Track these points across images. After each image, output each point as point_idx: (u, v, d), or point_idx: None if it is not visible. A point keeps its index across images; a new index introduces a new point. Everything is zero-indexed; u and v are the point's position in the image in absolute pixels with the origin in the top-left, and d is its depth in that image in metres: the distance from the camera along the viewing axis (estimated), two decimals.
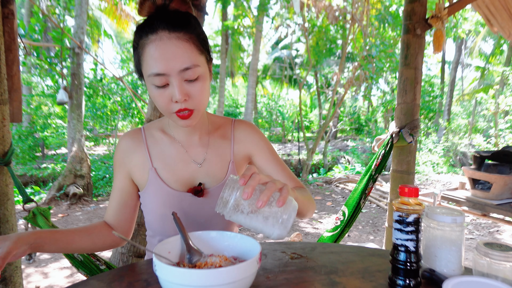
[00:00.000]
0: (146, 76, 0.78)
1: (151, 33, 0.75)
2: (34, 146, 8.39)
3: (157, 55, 0.74)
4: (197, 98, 0.79)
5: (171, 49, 0.74)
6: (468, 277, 0.53)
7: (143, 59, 0.77)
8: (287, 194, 0.66)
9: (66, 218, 4.47)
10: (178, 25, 0.75)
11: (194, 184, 0.93)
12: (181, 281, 0.57)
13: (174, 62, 0.74)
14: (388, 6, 7.88)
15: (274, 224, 0.66)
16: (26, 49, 5.29)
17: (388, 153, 2.22)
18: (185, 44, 0.75)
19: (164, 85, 0.77)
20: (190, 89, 0.78)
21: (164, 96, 0.77)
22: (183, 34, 0.75)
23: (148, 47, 0.75)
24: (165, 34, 0.74)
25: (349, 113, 15.88)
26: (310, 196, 0.94)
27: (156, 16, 0.77)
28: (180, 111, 0.78)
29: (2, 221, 1.39)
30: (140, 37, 0.77)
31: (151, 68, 0.75)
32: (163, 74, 0.75)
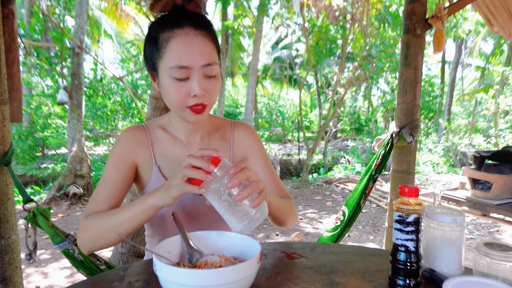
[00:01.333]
0: (166, 68, 0.79)
1: (177, 28, 0.78)
2: (34, 146, 8.39)
3: (183, 49, 0.77)
4: (212, 94, 0.82)
5: (196, 45, 0.78)
6: (468, 277, 0.53)
7: (165, 51, 0.78)
8: (263, 198, 0.70)
9: (66, 218, 4.47)
10: (202, 24, 0.80)
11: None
12: (181, 281, 0.57)
13: (198, 57, 0.78)
14: (388, 6, 7.88)
15: (241, 220, 0.69)
16: (26, 49, 5.29)
17: (388, 153, 2.22)
18: (208, 42, 0.80)
19: (183, 79, 0.79)
20: (208, 85, 0.81)
21: (182, 89, 0.79)
22: (206, 33, 0.80)
23: (174, 40, 0.77)
24: (191, 30, 0.78)
25: (349, 113, 15.88)
26: (293, 208, 0.98)
27: (180, 13, 0.80)
28: (196, 105, 0.80)
29: (2, 221, 1.39)
30: (163, 29, 0.79)
31: (174, 61, 0.77)
32: (186, 67, 0.77)
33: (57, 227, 1.47)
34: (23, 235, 1.50)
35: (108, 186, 0.88)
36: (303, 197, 5.88)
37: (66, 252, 1.43)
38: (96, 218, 0.81)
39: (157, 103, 2.25)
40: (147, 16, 2.89)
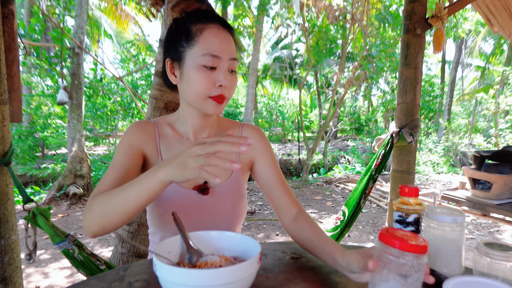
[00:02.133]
0: (196, 56, 0.83)
1: (211, 22, 0.85)
2: (34, 146, 8.39)
3: (216, 39, 0.83)
4: (232, 88, 0.88)
5: (226, 39, 0.85)
6: (469, 277, 0.53)
7: (197, 40, 0.83)
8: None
9: (66, 218, 4.47)
10: (227, 26, 0.88)
11: (198, 182, 0.93)
12: (181, 281, 0.56)
13: (228, 50, 0.84)
14: (388, 6, 7.88)
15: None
16: (26, 49, 5.29)
17: (388, 153, 2.22)
18: (233, 42, 0.87)
19: (212, 68, 0.83)
20: (230, 79, 0.86)
21: (209, 78, 0.83)
22: (231, 34, 0.88)
23: (208, 31, 0.84)
24: (221, 27, 0.86)
25: (349, 113, 15.88)
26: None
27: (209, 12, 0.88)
28: (219, 96, 0.84)
29: (2, 221, 1.39)
30: (196, 22, 0.85)
31: (207, 49, 0.82)
32: (217, 57, 0.82)
33: (57, 227, 1.47)
34: (23, 235, 1.50)
35: (116, 169, 0.86)
36: (303, 197, 5.88)
37: (66, 252, 1.43)
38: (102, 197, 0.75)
39: (157, 103, 2.25)
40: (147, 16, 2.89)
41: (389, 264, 0.56)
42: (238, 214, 0.96)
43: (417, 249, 0.54)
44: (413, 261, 0.54)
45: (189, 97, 0.86)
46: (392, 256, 0.55)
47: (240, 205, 0.97)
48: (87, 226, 0.75)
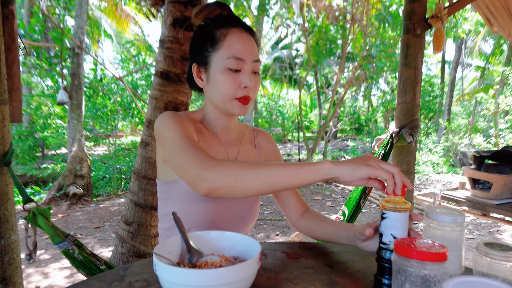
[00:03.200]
0: (221, 59, 0.86)
1: (233, 26, 0.88)
2: (34, 146, 8.38)
3: (240, 43, 0.87)
4: (256, 89, 0.91)
5: (249, 42, 0.88)
6: (468, 277, 0.53)
7: (222, 44, 0.87)
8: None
9: (66, 218, 4.47)
10: (249, 29, 0.91)
11: None
12: (181, 281, 0.57)
13: (251, 52, 0.88)
14: (388, 6, 7.88)
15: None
16: (26, 49, 5.29)
17: (388, 153, 2.22)
18: (255, 44, 0.91)
19: (237, 70, 0.86)
20: (254, 80, 0.89)
21: (235, 80, 0.86)
22: (253, 36, 0.91)
23: (231, 35, 0.87)
24: (243, 30, 0.89)
25: (349, 113, 15.88)
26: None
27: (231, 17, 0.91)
28: (244, 97, 0.88)
29: (2, 221, 1.39)
30: (220, 27, 0.88)
31: (231, 52, 0.86)
32: (241, 59, 0.86)
33: (57, 227, 1.47)
34: (23, 235, 1.50)
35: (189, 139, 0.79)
36: (303, 197, 5.87)
37: (66, 252, 1.43)
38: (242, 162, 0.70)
39: (157, 103, 2.25)
40: (147, 16, 2.88)
41: (410, 277, 0.53)
42: (253, 215, 1.00)
43: (437, 257, 0.52)
44: (435, 271, 0.52)
45: (216, 99, 0.90)
46: (412, 268, 0.53)
47: (256, 207, 1.01)
48: (208, 183, 0.68)
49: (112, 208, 5.02)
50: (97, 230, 4.05)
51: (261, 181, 0.67)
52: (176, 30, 2.20)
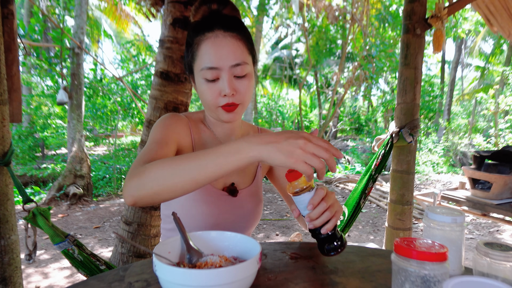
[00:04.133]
0: (198, 70, 0.84)
1: (208, 31, 0.82)
2: (34, 146, 8.38)
3: (212, 50, 0.81)
4: (243, 94, 0.85)
5: (225, 46, 0.81)
6: (468, 277, 0.53)
7: (197, 54, 0.83)
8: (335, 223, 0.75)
9: (66, 219, 4.47)
10: (232, 26, 0.83)
11: (227, 183, 0.95)
12: (181, 281, 0.57)
13: (227, 57, 0.81)
14: (388, 6, 7.88)
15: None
16: (26, 49, 5.29)
17: (388, 153, 2.22)
18: (238, 42, 0.83)
19: (214, 79, 0.82)
20: (238, 85, 0.84)
21: (213, 90, 0.83)
22: (236, 34, 0.83)
23: (204, 43, 0.82)
24: (221, 32, 0.82)
25: (349, 113, 15.88)
26: None
27: (213, 18, 0.85)
28: (227, 104, 0.83)
29: (2, 221, 1.39)
30: (196, 34, 0.84)
31: (204, 62, 0.82)
32: (215, 68, 0.81)
33: (57, 227, 1.47)
34: (23, 235, 1.50)
35: (158, 145, 0.79)
36: None
37: (66, 252, 1.43)
38: (165, 162, 0.66)
39: (157, 103, 2.25)
40: (147, 16, 2.89)
41: (409, 277, 0.54)
42: (256, 217, 0.99)
43: (437, 257, 0.52)
44: (435, 271, 0.53)
45: (205, 106, 0.89)
46: (412, 268, 0.53)
47: (259, 207, 1.00)
48: (132, 192, 0.65)
49: (112, 208, 5.02)
50: (97, 230, 4.05)
51: (183, 181, 0.64)
52: (176, 30, 2.20)
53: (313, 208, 0.69)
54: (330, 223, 0.71)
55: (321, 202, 0.70)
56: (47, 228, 1.43)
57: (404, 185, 2.32)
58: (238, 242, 0.74)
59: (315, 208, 0.70)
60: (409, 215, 2.34)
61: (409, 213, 2.34)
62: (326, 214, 0.70)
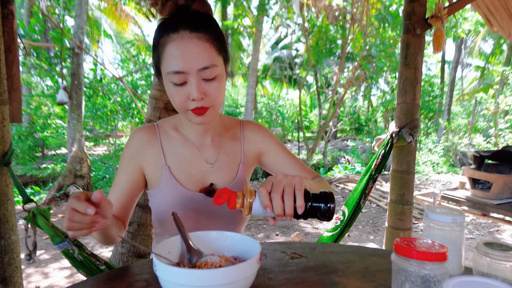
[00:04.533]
0: (165, 73, 0.80)
1: (173, 32, 0.77)
2: (34, 146, 8.39)
3: (177, 53, 0.76)
4: (213, 97, 0.81)
5: (192, 48, 0.76)
6: (468, 277, 0.53)
7: (163, 56, 0.79)
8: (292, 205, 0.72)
9: None
10: (199, 26, 0.78)
11: (205, 184, 0.93)
12: (181, 281, 0.57)
13: (194, 61, 0.77)
14: (388, 6, 7.88)
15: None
16: (26, 49, 5.29)
17: (388, 153, 2.22)
18: (205, 44, 0.78)
19: (182, 83, 0.79)
20: (207, 88, 0.80)
21: (181, 93, 0.80)
22: (203, 35, 0.78)
23: (169, 45, 0.77)
24: (187, 33, 0.77)
25: (349, 113, 15.88)
26: (326, 183, 0.97)
27: (178, 16, 0.79)
28: (196, 108, 0.80)
29: (2, 221, 1.39)
30: (161, 35, 0.79)
31: (170, 66, 0.77)
32: (182, 72, 0.77)
33: (57, 227, 1.47)
34: (23, 235, 1.50)
35: (117, 189, 0.92)
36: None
37: (66, 252, 1.43)
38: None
39: (156, 103, 2.25)
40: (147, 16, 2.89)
41: (409, 277, 0.54)
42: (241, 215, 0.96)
43: (437, 257, 0.52)
44: (435, 271, 0.53)
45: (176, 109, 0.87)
46: (412, 268, 0.53)
47: None
48: (97, 240, 0.89)
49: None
50: None
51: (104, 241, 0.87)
52: None
53: (272, 209, 0.66)
54: (298, 200, 0.66)
55: (272, 197, 0.66)
56: (47, 228, 1.43)
57: (404, 185, 2.32)
58: (238, 242, 0.74)
59: (273, 207, 0.66)
60: (409, 215, 2.35)
61: (409, 213, 2.34)
62: (287, 200, 0.66)
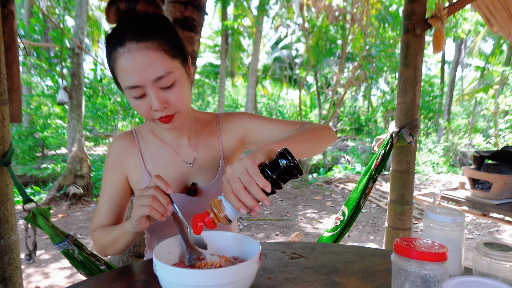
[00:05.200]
0: (123, 87, 0.78)
1: (119, 46, 0.73)
2: (34, 146, 8.39)
3: (128, 68, 0.73)
4: (176, 103, 0.78)
5: (141, 61, 0.72)
6: (468, 277, 0.53)
7: (116, 71, 0.76)
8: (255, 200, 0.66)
9: (66, 218, 4.47)
10: (145, 34, 0.73)
11: (187, 184, 0.93)
12: (181, 281, 0.57)
13: (146, 73, 0.73)
14: (388, 6, 7.88)
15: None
16: (26, 49, 5.29)
17: (388, 153, 2.22)
18: (155, 53, 0.73)
19: (141, 96, 0.77)
20: (168, 96, 0.77)
21: (143, 106, 0.78)
22: (151, 43, 0.73)
23: (119, 60, 0.74)
24: (133, 45, 0.72)
25: (349, 113, 15.88)
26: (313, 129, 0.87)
27: (123, 26, 0.75)
28: (161, 117, 0.79)
29: (2, 221, 1.39)
30: (110, 49, 0.75)
31: (125, 81, 0.75)
32: (138, 86, 0.74)
33: (57, 228, 1.47)
34: (23, 235, 1.50)
35: (106, 200, 0.93)
36: (303, 197, 5.87)
37: (66, 252, 1.43)
38: (99, 232, 0.89)
39: None
40: None
41: (409, 277, 0.54)
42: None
43: (437, 257, 0.52)
44: (435, 271, 0.53)
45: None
46: (412, 268, 0.54)
47: None
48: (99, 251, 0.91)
49: None
50: None
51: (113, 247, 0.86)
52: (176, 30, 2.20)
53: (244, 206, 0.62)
54: (259, 181, 0.60)
55: (237, 195, 0.61)
56: (47, 228, 1.43)
57: (404, 185, 2.32)
58: (238, 242, 0.74)
59: (242, 203, 0.61)
60: (409, 215, 2.34)
61: (409, 213, 2.34)
62: (251, 188, 0.61)
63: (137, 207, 0.71)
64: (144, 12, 0.78)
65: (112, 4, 0.76)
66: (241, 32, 10.54)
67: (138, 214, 0.71)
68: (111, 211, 0.93)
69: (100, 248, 0.89)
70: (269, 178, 0.62)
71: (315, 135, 0.85)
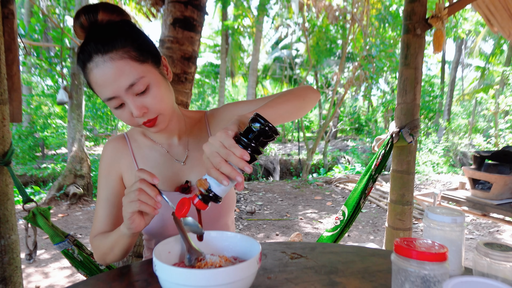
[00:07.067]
0: (102, 100, 0.80)
1: (88, 61, 0.75)
2: (34, 146, 8.40)
3: (100, 82, 0.75)
4: (155, 106, 0.79)
5: (110, 72, 0.73)
6: (468, 277, 0.53)
7: (92, 86, 0.78)
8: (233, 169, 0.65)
9: (66, 218, 4.47)
10: (107, 44, 0.73)
11: (181, 182, 0.94)
12: (181, 281, 0.57)
13: (117, 83, 0.74)
14: (388, 6, 7.88)
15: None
16: (26, 49, 5.29)
17: (388, 153, 2.22)
18: (120, 62, 0.74)
19: (120, 105, 0.78)
20: (145, 101, 0.78)
21: (125, 114, 0.79)
22: (115, 53, 0.73)
23: (91, 75, 0.76)
24: (99, 59, 0.73)
25: (349, 113, 15.89)
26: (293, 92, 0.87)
27: (88, 40, 0.76)
28: (144, 122, 0.80)
29: (2, 221, 1.39)
30: (81, 67, 0.77)
31: (101, 94, 0.77)
32: (113, 97, 0.76)
33: (57, 227, 1.47)
34: (23, 235, 1.50)
35: (103, 205, 0.93)
36: (303, 197, 5.88)
37: (66, 252, 1.43)
38: (98, 240, 0.89)
39: None
40: (147, 16, 2.89)
41: (409, 277, 0.54)
42: (226, 204, 0.94)
43: (437, 257, 0.53)
44: (435, 271, 0.53)
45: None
46: (412, 268, 0.54)
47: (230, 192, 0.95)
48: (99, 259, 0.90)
49: None
50: None
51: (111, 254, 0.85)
52: (176, 30, 2.20)
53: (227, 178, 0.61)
54: (236, 151, 0.60)
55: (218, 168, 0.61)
56: (47, 228, 1.43)
57: (404, 185, 2.31)
58: (238, 242, 0.74)
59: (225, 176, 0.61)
60: (409, 215, 2.34)
61: (409, 213, 2.34)
62: (230, 159, 0.61)
63: (126, 205, 0.71)
64: (107, 21, 0.78)
65: (76, 21, 0.78)
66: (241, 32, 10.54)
67: (128, 211, 0.71)
68: (109, 214, 0.92)
69: (99, 255, 0.89)
70: (247, 146, 0.62)
71: (293, 95, 0.85)
